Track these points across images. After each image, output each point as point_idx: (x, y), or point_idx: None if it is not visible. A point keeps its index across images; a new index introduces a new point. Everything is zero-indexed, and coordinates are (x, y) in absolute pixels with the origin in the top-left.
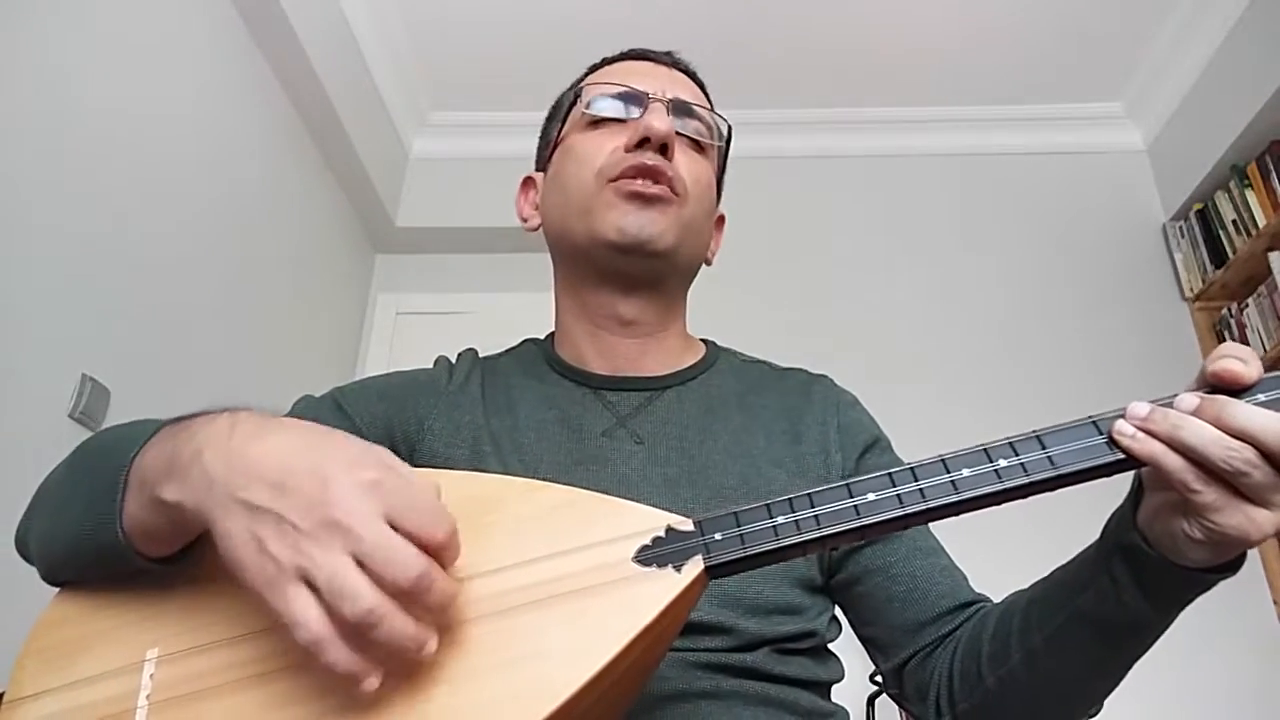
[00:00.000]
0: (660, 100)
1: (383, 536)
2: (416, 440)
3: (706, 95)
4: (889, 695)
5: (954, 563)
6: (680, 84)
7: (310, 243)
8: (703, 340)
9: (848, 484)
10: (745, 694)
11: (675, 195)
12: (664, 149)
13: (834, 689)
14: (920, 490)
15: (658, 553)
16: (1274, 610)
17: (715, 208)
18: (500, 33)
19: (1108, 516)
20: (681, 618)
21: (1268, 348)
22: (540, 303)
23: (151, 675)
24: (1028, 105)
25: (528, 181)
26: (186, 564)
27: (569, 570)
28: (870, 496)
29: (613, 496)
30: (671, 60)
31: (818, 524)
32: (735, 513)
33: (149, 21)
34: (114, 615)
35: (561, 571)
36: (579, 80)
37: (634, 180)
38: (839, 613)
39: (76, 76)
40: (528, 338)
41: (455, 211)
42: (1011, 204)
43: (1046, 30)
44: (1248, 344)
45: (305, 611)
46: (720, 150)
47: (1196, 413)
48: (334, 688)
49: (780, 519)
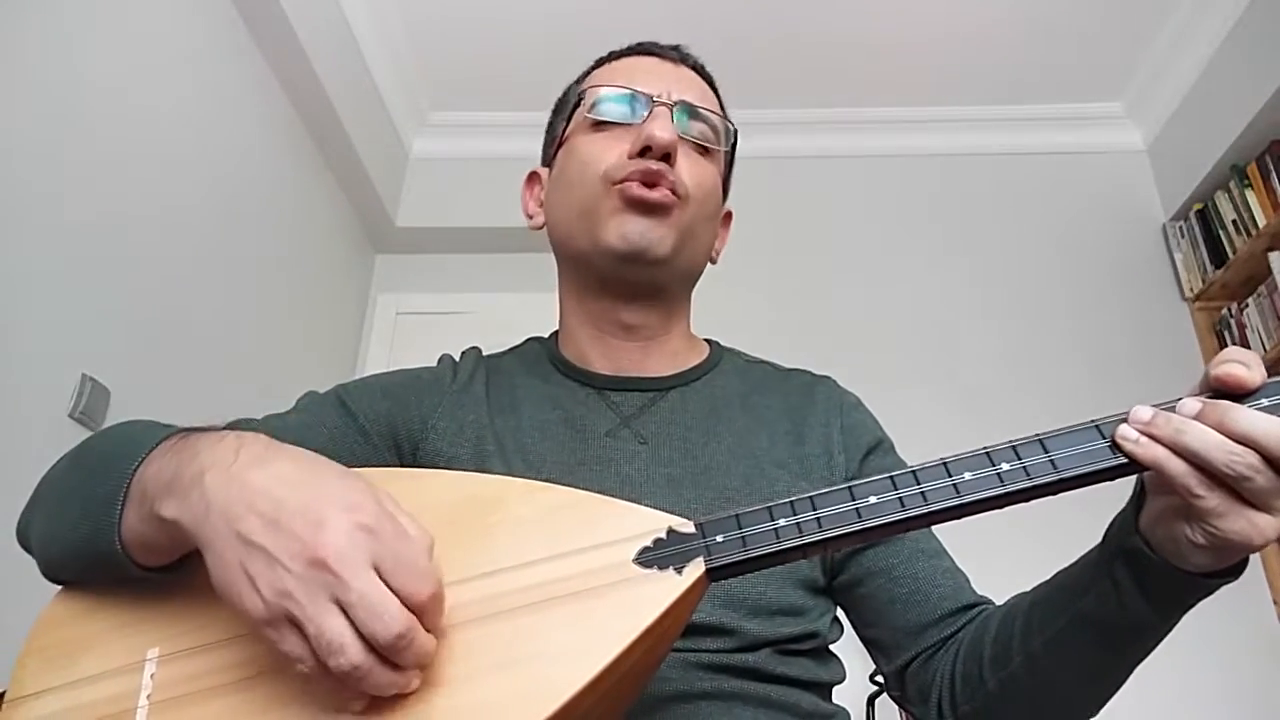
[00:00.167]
0: (665, 104)
1: (369, 587)
2: (420, 439)
3: (715, 90)
4: (891, 697)
5: (957, 565)
6: (687, 82)
7: (310, 243)
8: (706, 340)
9: (850, 486)
10: (746, 695)
11: (677, 199)
12: (667, 156)
13: (834, 689)
14: (922, 493)
15: (659, 555)
16: (1274, 611)
17: (719, 209)
18: (500, 33)
19: (1109, 521)
20: (683, 619)
21: (1268, 348)
22: (540, 303)
23: (152, 675)
24: (1028, 105)
25: (533, 176)
26: (185, 570)
27: (570, 572)
28: (872, 499)
29: (615, 497)
30: (679, 56)
31: (819, 526)
32: (737, 515)
33: (149, 22)
34: (115, 615)
35: (562, 573)
36: (585, 74)
37: (637, 187)
38: (841, 614)
39: (76, 76)
40: (531, 336)
41: (455, 211)
42: (1011, 204)
43: (1047, 30)
44: (1248, 344)
45: (295, 650)
46: (726, 150)
47: (1199, 417)
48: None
49: (782, 521)
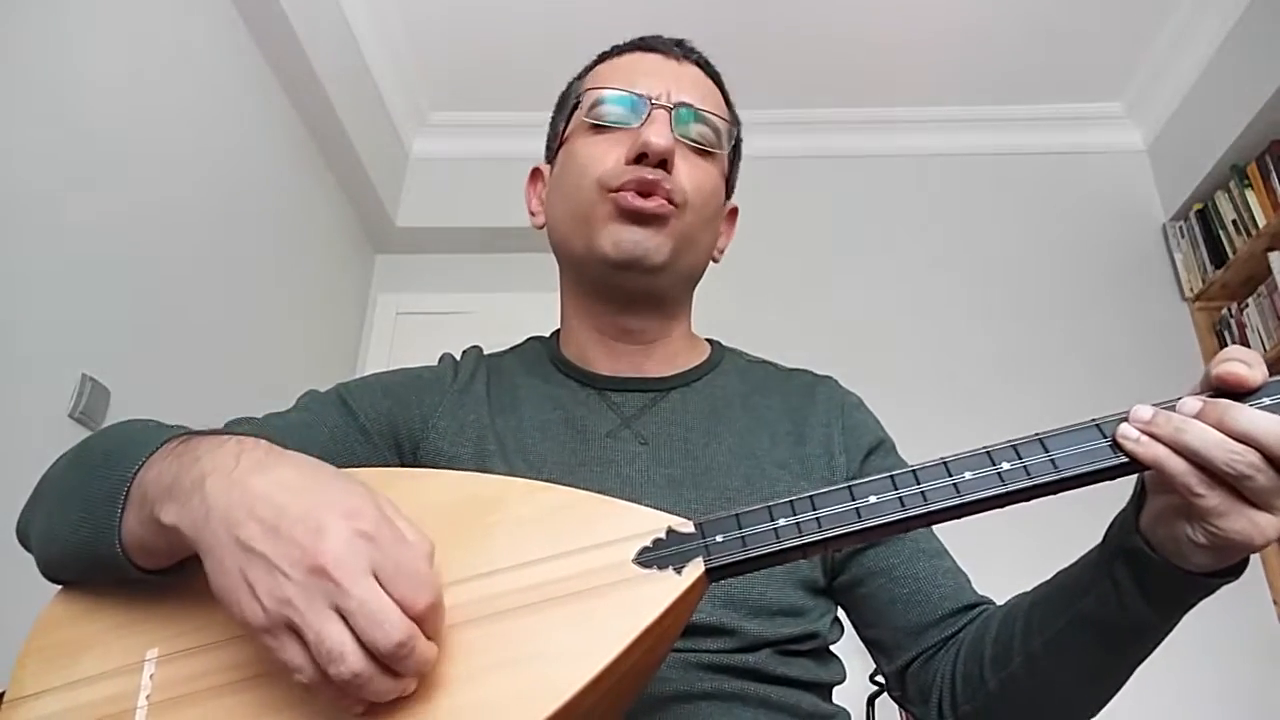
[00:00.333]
0: (664, 106)
1: (369, 595)
2: (421, 438)
3: (720, 84)
4: (891, 697)
5: (957, 565)
6: (689, 80)
7: (310, 243)
8: (707, 340)
9: (850, 486)
10: (746, 696)
11: (674, 207)
12: (664, 162)
13: (835, 690)
14: (922, 493)
15: (658, 555)
16: (1274, 611)
17: (721, 210)
18: (500, 33)
19: (1109, 521)
20: (683, 619)
21: (1268, 348)
22: (540, 302)
23: (151, 675)
24: (1028, 105)
25: (536, 173)
26: (185, 571)
27: (570, 572)
28: (872, 499)
29: (616, 498)
30: (682, 52)
31: (819, 526)
32: (736, 515)
33: (149, 22)
34: (114, 615)
35: (562, 573)
36: (587, 70)
37: (632, 196)
38: (841, 614)
39: (76, 77)
40: (533, 335)
41: (455, 211)
42: (1011, 204)
43: (1047, 30)
44: (1248, 344)
45: (295, 660)
46: (729, 149)
47: (1200, 416)
48: None
49: (782, 521)
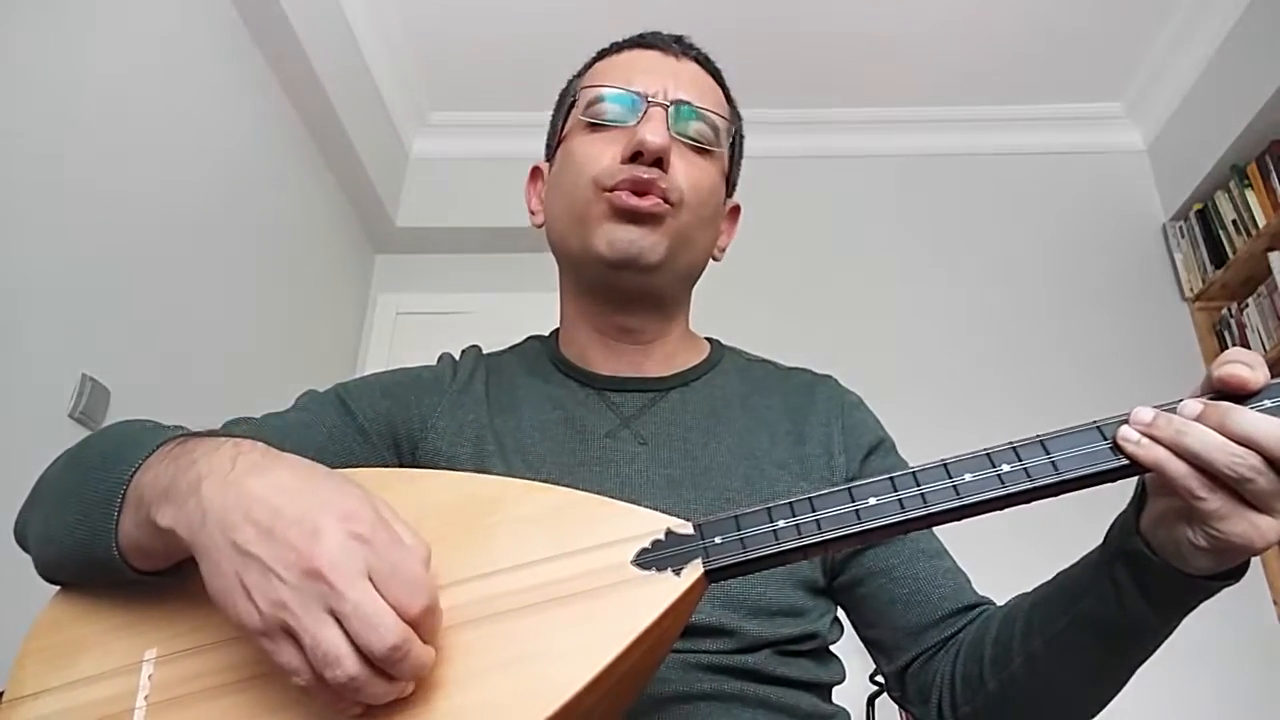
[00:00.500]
0: (660, 104)
1: (364, 598)
2: (420, 438)
3: (720, 81)
4: (891, 697)
5: (957, 565)
6: (687, 78)
7: (310, 243)
8: (707, 339)
9: (849, 488)
10: (746, 697)
11: (670, 206)
12: (659, 160)
13: (834, 690)
14: (922, 495)
15: (657, 556)
16: (1274, 612)
17: (719, 209)
18: (500, 33)
19: (1109, 522)
20: (682, 621)
21: (1268, 348)
22: (540, 303)
23: (150, 676)
24: (1028, 105)
25: (536, 171)
26: (182, 572)
27: (569, 573)
28: (871, 500)
29: (615, 498)
30: (681, 49)
31: (818, 528)
32: (736, 516)
33: (149, 22)
34: (112, 616)
35: (561, 574)
36: (586, 67)
37: (626, 195)
38: (841, 614)
39: (76, 77)
40: (532, 335)
41: (455, 211)
42: (1011, 204)
43: (1047, 30)
44: (1248, 344)
45: (291, 663)
46: (729, 146)
47: (1201, 418)
48: None
49: (781, 523)
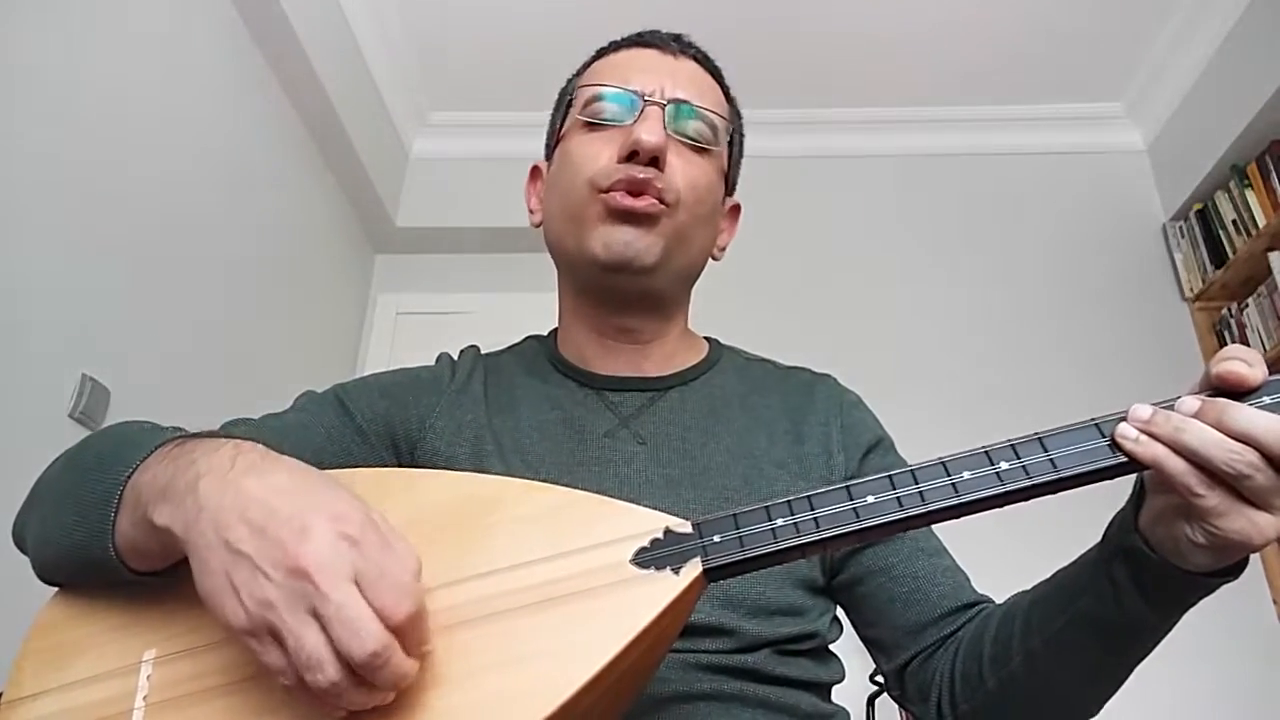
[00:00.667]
0: (657, 103)
1: (347, 600)
2: (418, 438)
3: (720, 80)
4: (891, 696)
5: (957, 563)
6: (685, 75)
7: (310, 243)
8: (706, 338)
9: (848, 486)
10: (745, 697)
11: (666, 206)
12: (655, 160)
13: (834, 689)
14: (920, 493)
15: (655, 555)
16: (1274, 610)
17: (717, 207)
18: (500, 33)
19: (1107, 520)
20: (681, 620)
21: (1268, 348)
22: (540, 303)
23: (149, 677)
24: (1028, 105)
25: (535, 171)
26: (180, 573)
27: (567, 572)
28: (870, 499)
29: (613, 498)
30: (679, 47)
31: (817, 526)
32: (734, 515)
33: (148, 22)
34: (111, 617)
35: (560, 573)
36: (585, 66)
37: (622, 196)
38: (840, 614)
39: (76, 77)
40: (530, 334)
41: (455, 211)
42: (1011, 204)
43: (1047, 30)
44: (1248, 344)
45: (276, 664)
46: (727, 145)
47: (1198, 415)
48: None
49: (779, 521)
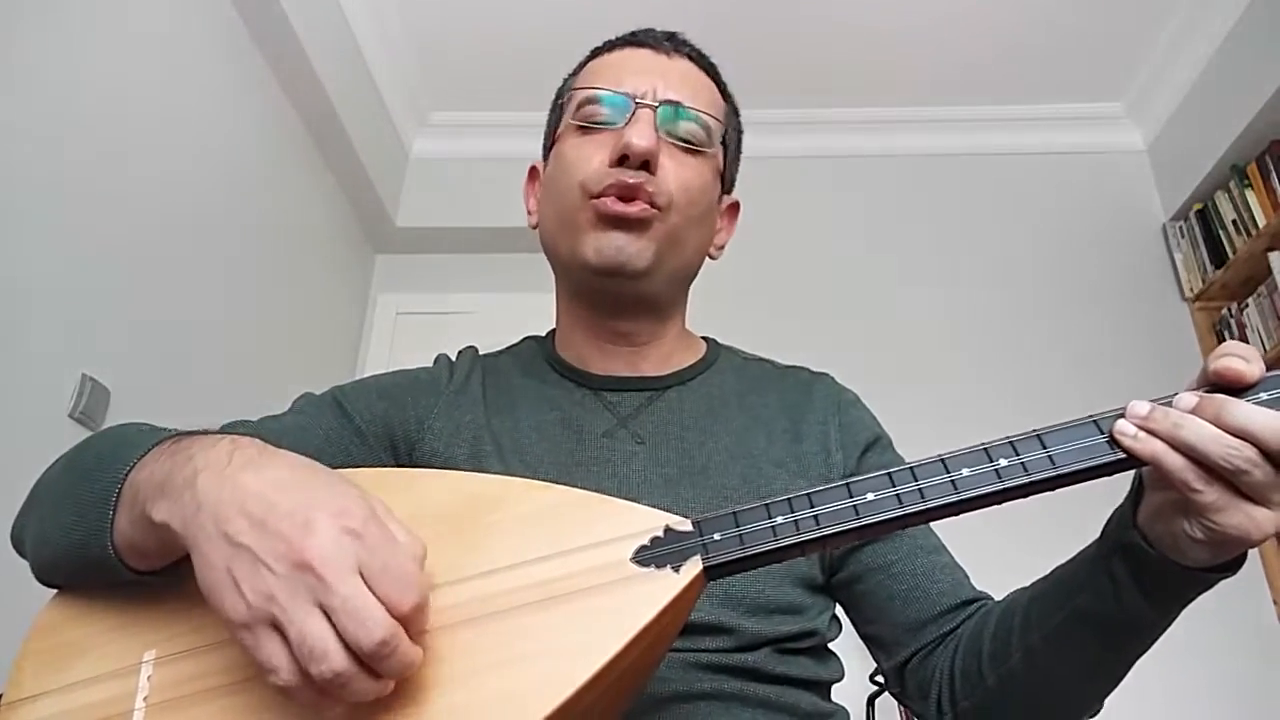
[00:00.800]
0: (648, 105)
1: (353, 591)
2: (416, 440)
3: (716, 77)
4: (891, 694)
5: (955, 561)
6: (678, 75)
7: (310, 243)
8: (704, 338)
9: (847, 484)
10: (746, 696)
11: (657, 210)
12: (647, 164)
13: (834, 688)
14: (919, 490)
15: (656, 553)
16: (1274, 610)
17: (712, 209)
18: (500, 33)
19: (1106, 517)
20: (681, 618)
21: (1268, 348)
22: (540, 303)
23: (149, 677)
24: (1028, 105)
25: (533, 171)
26: (181, 573)
27: (568, 571)
28: (869, 496)
29: (612, 497)
30: (672, 46)
31: (817, 524)
32: (734, 513)
33: (148, 22)
34: (111, 618)
35: (560, 572)
36: (579, 68)
37: (612, 202)
38: (840, 612)
39: (76, 77)
40: (528, 335)
41: (455, 211)
42: (1011, 204)
43: (1047, 30)
44: (1248, 344)
45: (273, 659)
46: (722, 144)
47: (1196, 411)
48: None
49: (779, 519)
